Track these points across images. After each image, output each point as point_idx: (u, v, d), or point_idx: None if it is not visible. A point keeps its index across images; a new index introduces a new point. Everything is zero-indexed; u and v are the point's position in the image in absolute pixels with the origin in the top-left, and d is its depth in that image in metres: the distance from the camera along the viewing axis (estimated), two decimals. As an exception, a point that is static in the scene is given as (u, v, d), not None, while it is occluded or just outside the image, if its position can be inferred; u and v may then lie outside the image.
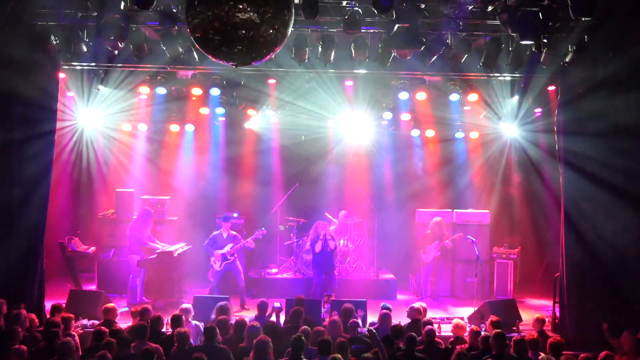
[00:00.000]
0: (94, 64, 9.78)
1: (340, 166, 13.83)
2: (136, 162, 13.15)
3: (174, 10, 8.37)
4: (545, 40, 8.50)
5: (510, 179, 13.42)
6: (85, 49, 8.83)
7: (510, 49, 9.02)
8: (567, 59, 8.98)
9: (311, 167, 13.70)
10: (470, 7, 8.32)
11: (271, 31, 5.12)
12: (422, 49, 8.74)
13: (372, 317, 9.01)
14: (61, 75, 9.78)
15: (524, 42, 8.49)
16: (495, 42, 8.89)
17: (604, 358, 6.37)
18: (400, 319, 8.66)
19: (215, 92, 11.21)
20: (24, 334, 7.14)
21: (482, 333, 7.18)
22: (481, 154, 13.45)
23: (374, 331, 6.83)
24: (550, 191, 12.06)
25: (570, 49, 8.86)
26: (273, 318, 8.45)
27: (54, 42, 8.74)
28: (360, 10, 8.29)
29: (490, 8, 8.39)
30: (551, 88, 10.35)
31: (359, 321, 7.94)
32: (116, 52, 8.99)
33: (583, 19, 7.79)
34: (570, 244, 9.47)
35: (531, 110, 12.10)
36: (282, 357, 6.51)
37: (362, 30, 8.62)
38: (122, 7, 8.33)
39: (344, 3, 8.39)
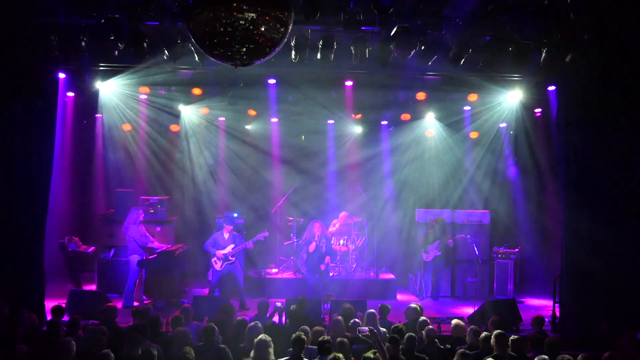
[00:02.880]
0: (94, 64, 9.78)
1: (340, 166, 13.84)
2: (136, 162, 13.15)
3: (174, 10, 8.36)
4: (545, 40, 8.50)
5: (510, 179, 13.42)
6: (85, 49, 8.82)
7: (510, 49, 9.01)
8: (567, 59, 8.97)
9: (311, 167, 13.72)
10: (470, 7, 8.31)
11: (271, 31, 5.12)
12: (422, 49, 8.74)
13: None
14: (61, 75, 9.78)
15: (524, 42, 8.50)
16: (495, 42, 8.88)
17: (607, 358, 6.35)
18: (400, 319, 8.65)
19: (215, 92, 11.24)
20: (25, 334, 7.14)
21: (483, 333, 7.17)
22: (481, 153, 13.45)
23: (375, 331, 6.81)
24: (550, 191, 12.06)
25: (570, 49, 8.85)
26: (275, 318, 8.44)
27: (54, 42, 8.74)
28: (360, 10, 8.28)
29: (490, 8, 8.39)
30: (551, 88, 10.35)
31: (359, 321, 7.92)
32: (116, 52, 8.98)
33: (583, 18, 7.77)
34: (570, 244, 9.46)
35: (531, 110, 12.11)
36: (282, 357, 6.51)
37: (362, 30, 8.62)
38: (121, 6, 8.32)
39: (344, 3, 8.39)
